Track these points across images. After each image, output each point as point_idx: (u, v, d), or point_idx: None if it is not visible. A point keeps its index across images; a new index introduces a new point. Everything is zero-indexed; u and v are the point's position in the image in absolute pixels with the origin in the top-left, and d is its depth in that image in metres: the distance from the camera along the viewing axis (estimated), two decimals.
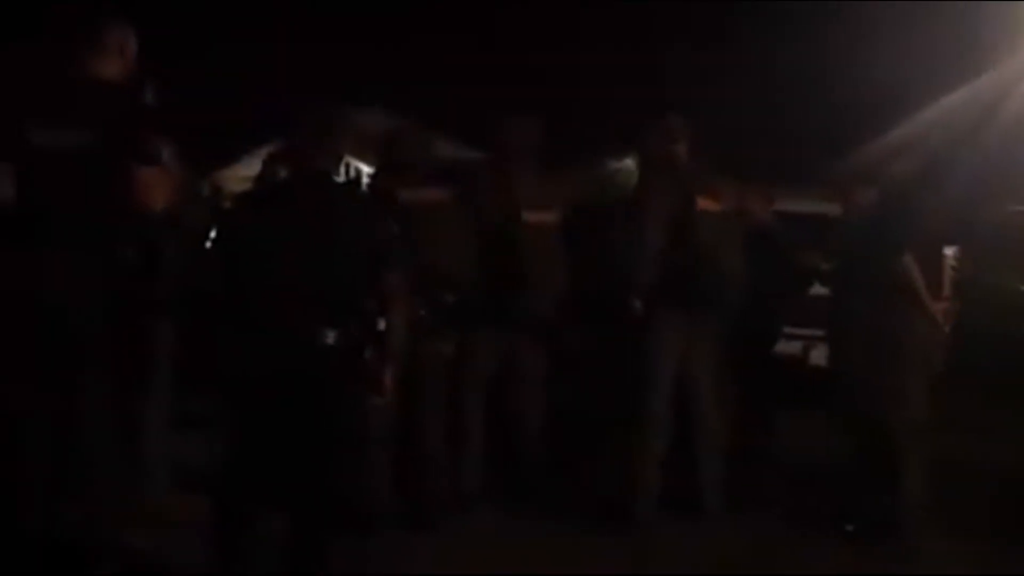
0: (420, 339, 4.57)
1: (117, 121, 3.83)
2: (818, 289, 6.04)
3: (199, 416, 4.64)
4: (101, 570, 3.80)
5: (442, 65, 16.23)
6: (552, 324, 5.33)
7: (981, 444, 6.67)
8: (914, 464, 4.96)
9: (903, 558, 4.79)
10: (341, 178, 4.44)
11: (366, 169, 8.88)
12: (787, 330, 6.63)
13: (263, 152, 5.32)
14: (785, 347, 6.78)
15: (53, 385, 3.83)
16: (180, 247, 4.72)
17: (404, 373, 4.22)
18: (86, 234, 3.80)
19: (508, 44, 16.63)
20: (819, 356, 7.28)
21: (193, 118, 5.77)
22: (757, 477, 5.59)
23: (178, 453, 4.84)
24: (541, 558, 4.57)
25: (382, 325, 3.79)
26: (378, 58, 16.50)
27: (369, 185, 5.07)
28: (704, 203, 5.09)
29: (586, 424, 6.10)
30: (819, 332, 6.73)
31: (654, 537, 4.91)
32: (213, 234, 5.16)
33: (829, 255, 5.74)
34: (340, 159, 4.10)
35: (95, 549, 3.80)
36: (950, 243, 5.18)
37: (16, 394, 3.93)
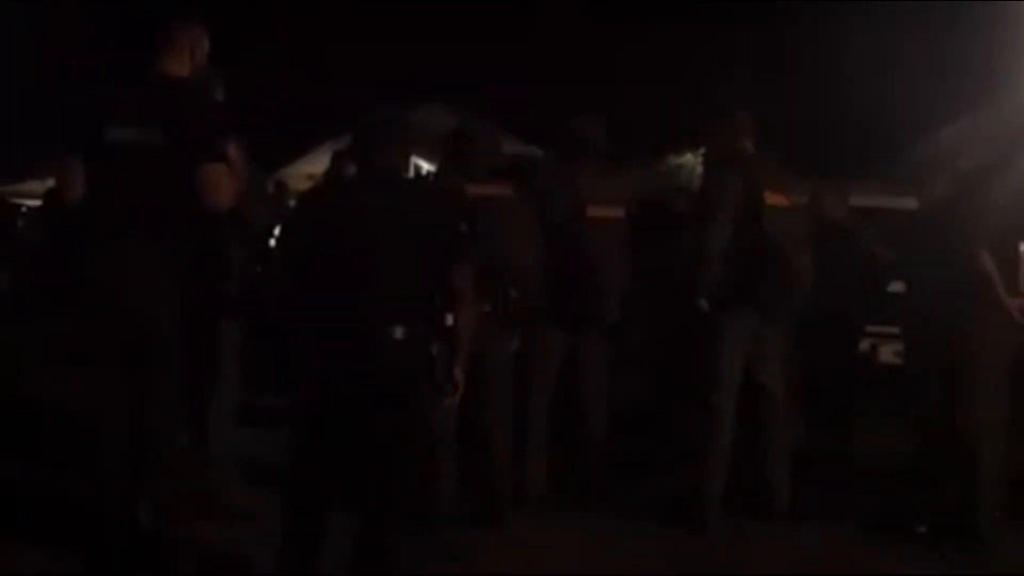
0: (486, 335, 4.56)
1: (187, 119, 3.87)
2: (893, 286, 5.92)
3: (268, 412, 4.68)
4: (177, 565, 3.84)
5: (500, 62, 16.27)
6: (617, 321, 5.29)
7: None
8: (987, 464, 4.85)
9: (975, 559, 4.69)
10: (408, 175, 4.44)
11: (426, 166, 8.94)
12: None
13: (326, 149, 5.35)
14: None
15: (122, 381, 3.88)
16: (247, 244, 4.77)
17: (470, 369, 4.21)
18: (155, 231, 3.83)
19: (568, 40, 16.61)
20: (887, 353, 7.17)
21: (258, 116, 5.82)
22: (827, 478, 5.51)
23: (247, 449, 4.87)
24: (606, 558, 4.54)
25: (450, 321, 3.78)
26: (437, 55, 16.58)
27: (435, 182, 5.07)
28: (772, 199, 5.00)
29: (651, 423, 6.05)
30: (887, 329, 6.62)
31: (721, 538, 4.86)
32: (277, 231, 5.21)
33: (901, 250, 5.62)
34: (407, 157, 4.10)
35: (171, 544, 3.84)
36: None
37: (85, 390, 4.00)
